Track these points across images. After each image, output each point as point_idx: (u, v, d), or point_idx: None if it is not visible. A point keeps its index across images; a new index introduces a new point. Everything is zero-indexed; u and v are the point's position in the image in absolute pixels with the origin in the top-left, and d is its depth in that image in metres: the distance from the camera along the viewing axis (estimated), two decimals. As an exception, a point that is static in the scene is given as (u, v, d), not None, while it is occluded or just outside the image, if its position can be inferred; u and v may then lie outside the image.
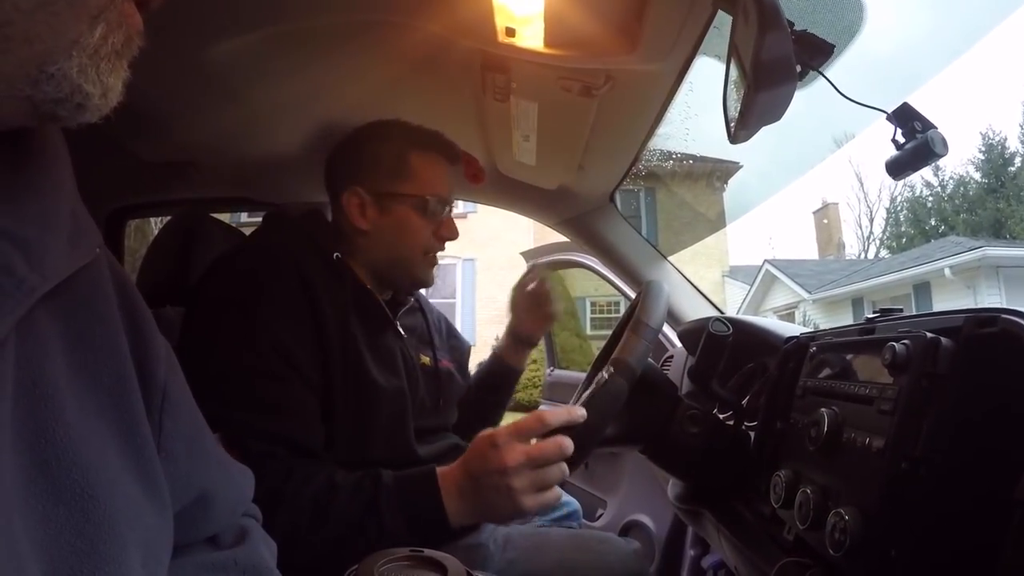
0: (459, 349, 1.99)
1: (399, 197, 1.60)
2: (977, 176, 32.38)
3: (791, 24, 1.18)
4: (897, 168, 1.37)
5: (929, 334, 0.87)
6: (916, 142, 1.32)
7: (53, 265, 0.52)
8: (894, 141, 1.36)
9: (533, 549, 1.59)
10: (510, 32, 1.45)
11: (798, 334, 1.48)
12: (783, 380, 1.31)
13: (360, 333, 1.47)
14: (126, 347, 0.60)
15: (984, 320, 0.85)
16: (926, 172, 33.59)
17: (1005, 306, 0.87)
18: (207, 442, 0.74)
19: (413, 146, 1.65)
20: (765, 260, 25.39)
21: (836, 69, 1.42)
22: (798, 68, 1.21)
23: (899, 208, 35.23)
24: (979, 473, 0.78)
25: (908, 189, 34.49)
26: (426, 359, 1.70)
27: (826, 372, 1.17)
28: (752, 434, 1.40)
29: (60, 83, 0.48)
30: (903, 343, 0.89)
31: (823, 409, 1.04)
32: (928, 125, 1.32)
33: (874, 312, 1.21)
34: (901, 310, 1.18)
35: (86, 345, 0.56)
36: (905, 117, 1.34)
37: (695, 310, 2.51)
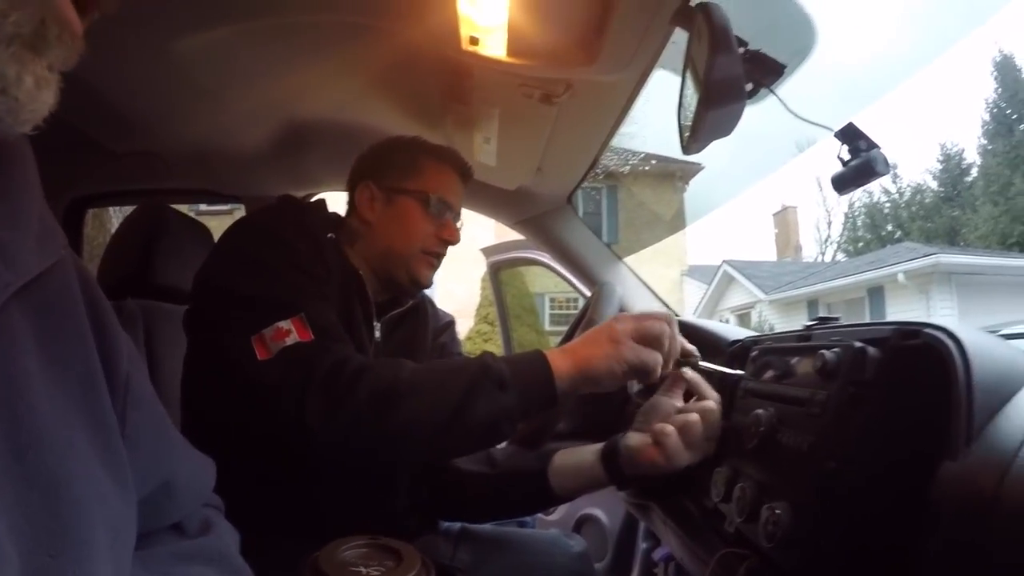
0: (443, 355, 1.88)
1: (404, 191, 1.61)
2: (934, 185, 32.73)
3: (744, 44, 1.23)
4: (841, 184, 1.42)
5: (858, 343, 0.93)
6: (859, 160, 1.37)
7: (24, 263, 0.54)
8: (840, 158, 1.41)
9: (484, 551, 1.62)
10: (474, 41, 1.48)
11: (742, 338, 1.54)
12: (726, 381, 1.37)
13: (359, 316, 1.50)
14: (92, 342, 0.62)
15: (909, 332, 0.91)
16: (884, 179, 33.85)
17: (932, 318, 0.92)
18: (169, 432, 0.76)
19: (427, 153, 1.67)
20: (723, 260, 25.49)
21: (803, 79, 1.47)
22: (750, 86, 1.26)
23: (857, 213, 35.49)
24: (900, 473, 0.83)
25: (866, 195, 34.70)
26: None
27: (765, 375, 1.24)
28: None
29: None
30: (833, 351, 0.95)
31: (760, 410, 1.10)
32: (872, 145, 1.38)
33: (812, 320, 1.27)
34: (838, 318, 1.23)
35: (56, 340, 0.58)
36: (851, 136, 1.39)
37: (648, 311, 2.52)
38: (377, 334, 1.59)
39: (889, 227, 33.94)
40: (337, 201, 1.74)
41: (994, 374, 0.79)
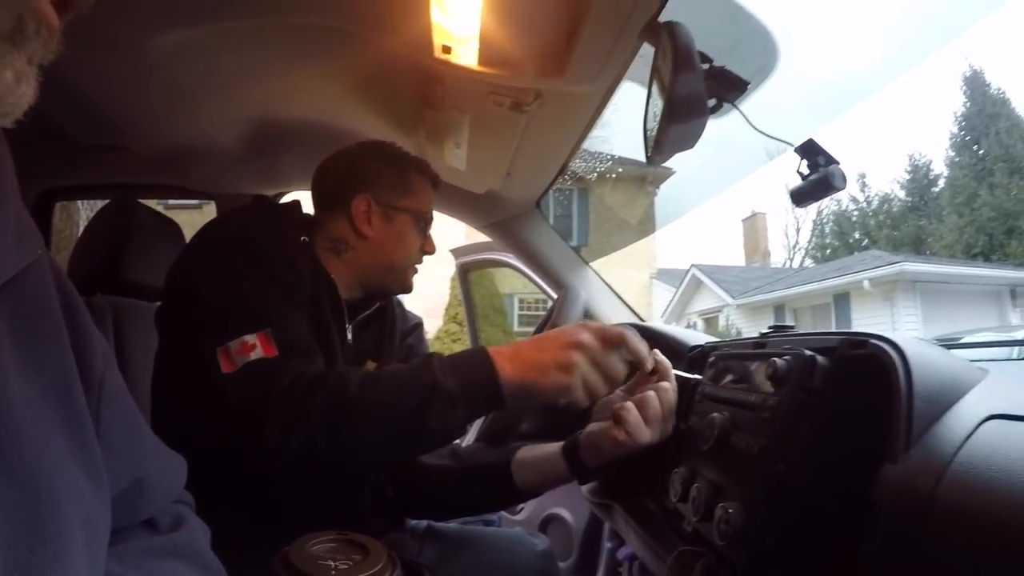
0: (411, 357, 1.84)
1: (403, 210, 1.63)
2: (902, 194, 32.96)
3: (709, 60, 1.27)
4: (800, 197, 1.46)
5: (808, 352, 0.97)
6: (818, 175, 1.41)
7: (1, 264, 0.56)
8: (799, 173, 1.45)
9: (449, 549, 1.64)
10: (446, 50, 1.51)
11: (702, 343, 1.58)
12: (685, 385, 1.40)
13: (330, 320, 1.51)
14: (67, 340, 0.63)
15: (856, 343, 0.95)
16: (853, 188, 34.06)
17: (895, 326, 0.96)
18: (142, 430, 0.77)
19: (414, 169, 1.68)
20: (692, 264, 25.59)
21: (770, 92, 1.51)
22: (713, 101, 1.30)
23: (825, 220, 35.67)
24: (844, 476, 0.86)
25: (835, 203, 34.98)
26: (372, 364, 1.67)
27: (722, 380, 1.27)
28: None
29: None
30: (784, 359, 0.99)
31: (715, 414, 1.14)
32: (831, 160, 1.41)
33: (769, 328, 1.31)
34: (792, 327, 1.27)
35: (32, 339, 0.59)
36: (810, 151, 1.43)
37: (614, 314, 2.58)
38: (350, 336, 1.60)
39: (857, 235, 34.10)
40: (309, 201, 1.74)
41: (935, 384, 0.83)
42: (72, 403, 0.62)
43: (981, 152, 27.64)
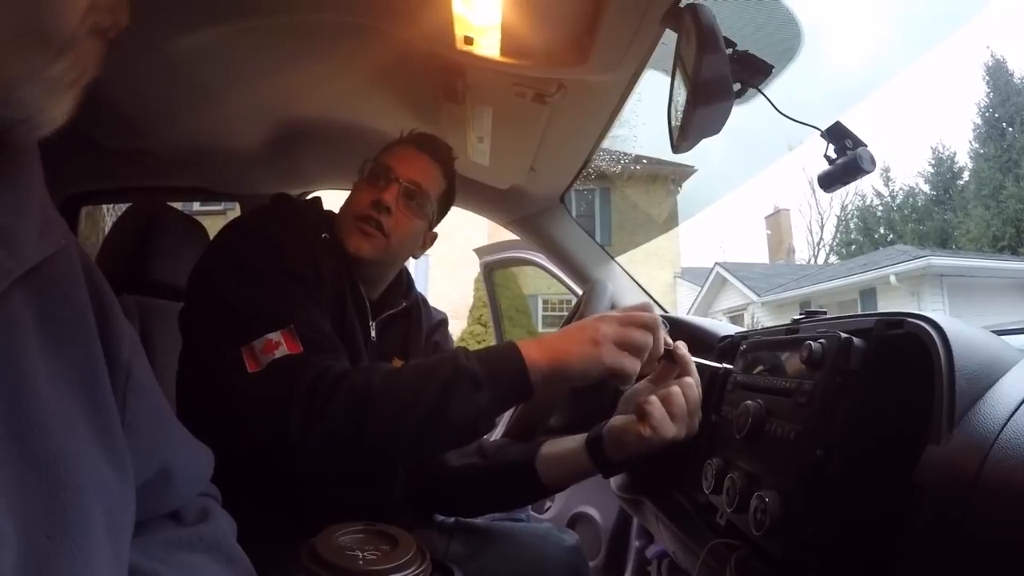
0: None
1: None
2: (926, 188, 32.70)
3: (733, 44, 1.25)
4: (828, 181, 1.44)
5: (843, 334, 0.95)
6: (846, 158, 1.39)
7: (26, 251, 0.56)
8: (826, 156, 1.43)
9: (477, 543, 1.63)
10: (468, 40, 1.50)
11: (732, 333, 1.56)
12: (716, 375, 1.39)
13: (354, 317, 1.50)
14: (94, 329, 0.64)
15: (892, 323, 0.93)
16: (877, 182, 33.93)
17: (917, 311, 0.94)
18: (169, 419, 0.78)
19: (394, 143, 1.67)
20: (716, 263, 25.52)
21: (792, 79, 1.49)
22: (738, 86, 1.28)
23: (849, 216, 35.54)
24: (885, 459, 0.85)
25: (859, 198, 34.89)
26: (398, 362, 1.65)
27: (754, 368, 1.26)
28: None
29: (21, 107, 0.53)
30: (819, 342, 0.97)
31: (749, 402, 1.12)
32: (858, 143, 1.39)
33: (800, 314, 1.29)
34: (825, 312, 1.25)
35: (57, 326, 0.59)
36: (838, 135, 1.41)
37: (641, 309, 2.54)
38: (373, 333, 1.59)
39: (881, 230, 33.96)
40: (334, 199, 1.74)
41: (976, 361, 0.82)
42: (97, 391, 0.62)
43: (1006, 143, 27.37)
